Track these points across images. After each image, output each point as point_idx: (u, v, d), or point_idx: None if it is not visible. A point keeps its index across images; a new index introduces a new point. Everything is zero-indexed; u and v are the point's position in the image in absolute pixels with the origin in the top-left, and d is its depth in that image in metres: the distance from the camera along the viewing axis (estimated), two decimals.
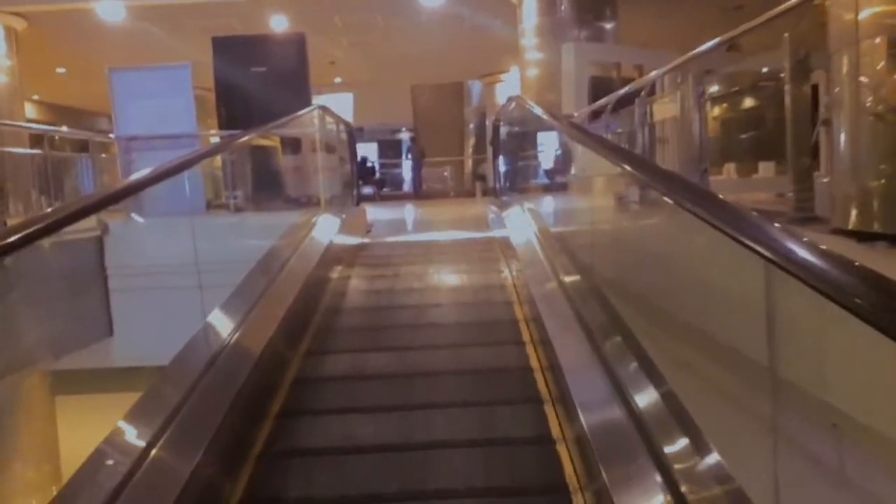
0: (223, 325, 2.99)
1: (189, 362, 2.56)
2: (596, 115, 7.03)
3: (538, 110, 3.86)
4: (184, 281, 7.88)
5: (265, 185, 9.00)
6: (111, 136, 8.07)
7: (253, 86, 8.52)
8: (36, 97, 18.50)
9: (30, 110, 19.21)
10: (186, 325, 2.84)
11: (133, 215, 7.83)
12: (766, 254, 1.34)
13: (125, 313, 7.84)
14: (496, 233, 5.10)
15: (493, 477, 2.34)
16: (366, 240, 5.76)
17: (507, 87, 17.76)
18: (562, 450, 2.38)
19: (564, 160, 5.85)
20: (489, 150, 6.38)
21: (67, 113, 18.17)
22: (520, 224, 4.26)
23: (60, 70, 14.94)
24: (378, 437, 2.63)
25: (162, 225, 8.05)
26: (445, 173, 20.20)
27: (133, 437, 2.03)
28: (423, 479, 2.35)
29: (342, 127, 6.40)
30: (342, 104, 16.60)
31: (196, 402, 2.27)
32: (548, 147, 7.04)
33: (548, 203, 5.71)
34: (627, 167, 2.45)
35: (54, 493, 1.87)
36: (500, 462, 2.42)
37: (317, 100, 17.77)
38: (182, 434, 2.10)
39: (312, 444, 2.62)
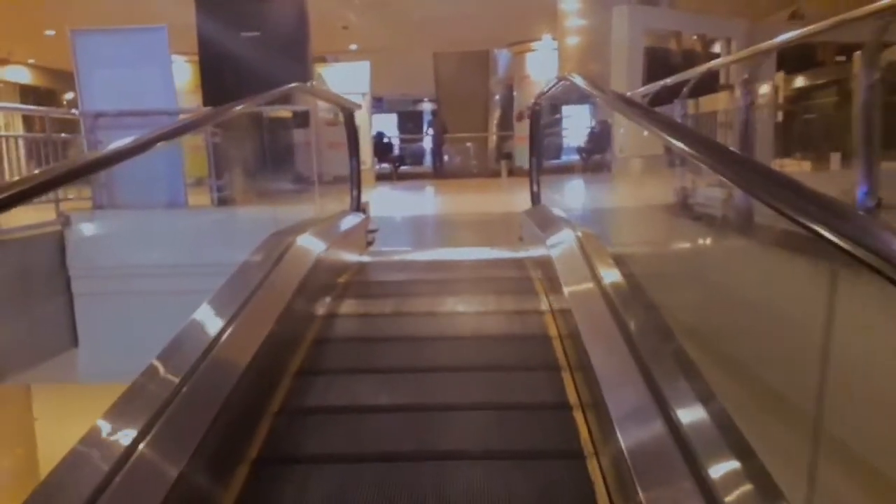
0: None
1: None
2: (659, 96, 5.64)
3: (624, 106, 2.49)
4: (158, 285, 6.64)
5: (255, 174, 7.77)
6: (74, 111, 6.81)
7: (244, 53, 7.21)
8: (31, 61, 17.37)
9: (25, 74, 18.10)
10: (162, 336, 2.28)
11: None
12: None
13: (91, 322, 6.76)
14: (535, 272, 3.77)
15: None
16: (364, 257, 4.46)
17: (539, 56, 16.26)
18: None
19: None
20: (528, 143, 4.99)
21: (64, 77, 16.99)
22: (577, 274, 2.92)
23: (49, 32, 13.71)
24: None
25: (132, 218, 6.89)
26: (469, 151, 18.80)
27: None
28: None
29: (340, 111, 5.08)
30: (358, 73, 15.24)
31: None
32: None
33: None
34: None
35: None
36: None
37: (329, 69, 16.51)
38: None
39: None
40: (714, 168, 1.60)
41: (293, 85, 3.97)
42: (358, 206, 4.95)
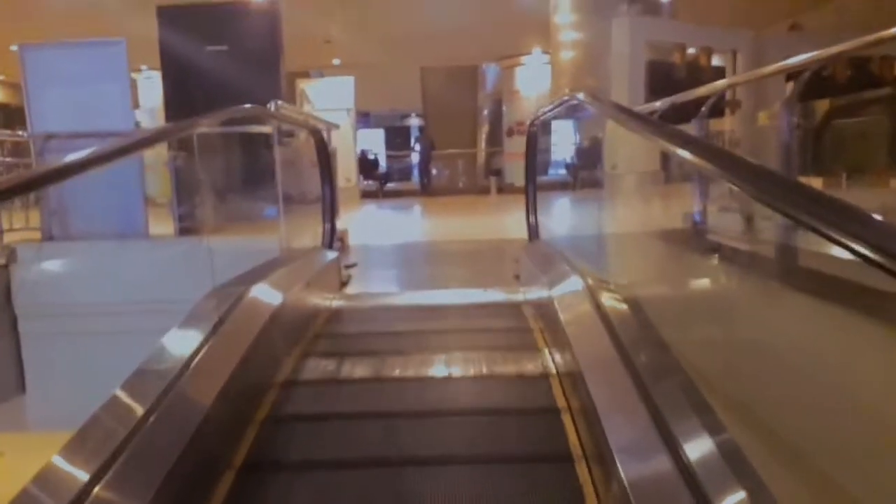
0: None
1: None
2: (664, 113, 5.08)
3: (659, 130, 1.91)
4: (113, 324, 5.99)
5: (226, 198, 7.15)
6: (22, 133, 6.19)
7: (211, 67, 6.61)
8: (1, 77, 16.71)
9: None
10: (118, 379, 2.06)
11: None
12: None
13: (40, 365, 6.14)
14: (537, 325, 3.18)
15: None
16: (336, 302, 3.84)
17: (529, 71, 15.78)
18: None
19: None
20: (524, 166, 4.41)
21: None
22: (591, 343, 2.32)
23: (14, 48, 13.05)
24: None
25: (85, 251, 6.25)
26: (457, 167, 18.25)
27: None
28: None
29: (313, 134, 4.47)
30: (342, 88, 14.68)
31: None
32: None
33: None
34: None
35: None
36: None
37: (312, 84, 15.93)
38: None
39: None
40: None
41: (246, 106, 3.36)
42: (331, 242, 4.34)
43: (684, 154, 1.73)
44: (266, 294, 2.97)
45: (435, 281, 4.70)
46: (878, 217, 0.92)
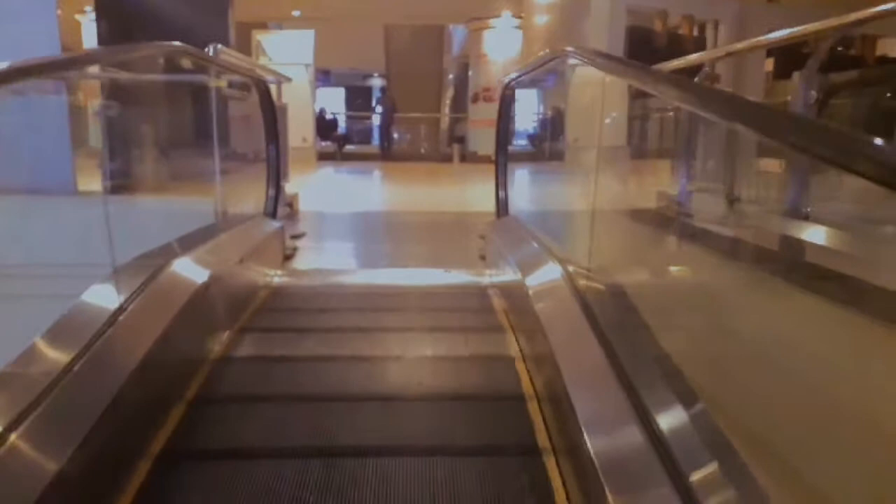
0: None
1: None
2: None
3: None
4: (25, 287, 5.41)
5: (170, 154, 6.54)
6: None
7: (151, 10, 5.94)
8: None
9: None
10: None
11: None
12: None
13: None
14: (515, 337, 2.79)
15: None
16: (277, 279, 3.37)
17: (497, 35, 15.19)
18: None
19: None
20: (496, 137, 3.95)
21: None
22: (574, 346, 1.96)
23: None
24: None
25: None
26: (419, 132, 17.68)
27: None
28: None
29: (259, 85, 3.92)
30: (301, 43, 13.91)
31: None
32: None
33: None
34: None
35: None
36: None
37: (269, 36, 15.08)
38: None
39: None
40: None
41: (174, 44, 2.82)
42: (275, 209, 3.84)
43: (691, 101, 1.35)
44: (187, 270, 2.49)
45: (392, 258, 4.24)
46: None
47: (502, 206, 3.88)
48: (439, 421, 2.06)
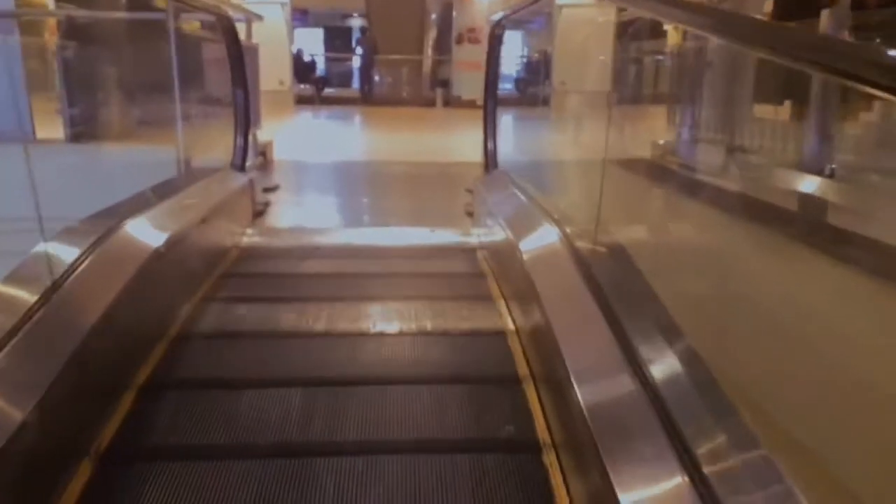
0: None
1: None
2: None
3: None
4: None
5: (136, 99, 6.10)
6: None
7: None
8: None
9: None
10: None
11: None
12: None
13: None
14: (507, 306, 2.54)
15: None
16: (246, 239, 3.08)
17: None
18: None
19: None
20: (485, 81, 3.62)
21: None
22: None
23: None
24: None
25: None
26: (401, 75, 17.09)
27: None
28: None
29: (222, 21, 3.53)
30: None
31: None
32: None
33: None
34: None
35: None
36: None
37: None
38: None
39: None
40: None
41: None
42: (243, 161, 3.51)
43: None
44: (139, 234, 2.20)
45: (373, 214, 3.93)
46: None
47: (491, 159, 3.58)
48: (427, 406, 1.82)
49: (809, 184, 2.94)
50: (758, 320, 2.06)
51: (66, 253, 1.91)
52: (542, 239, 2.40)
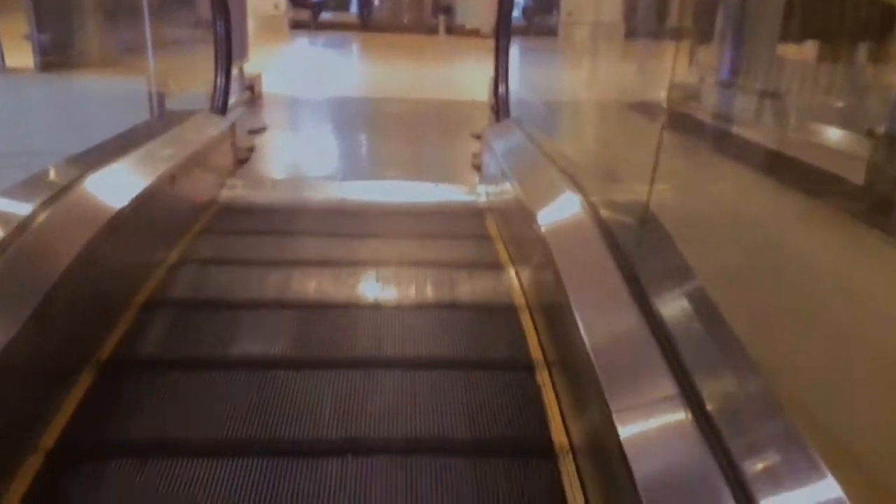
0: None
1: None
2: None
3: None
4: None
5: (119, 25, 5.60)
6: None
7: None
8: None
9: None
10: None
11: None
12: None
13: None
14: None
15: None
16: (224, 192, 2.75)
17: None
18: None
19: None
20: (498, 13, 3.21)
21: None
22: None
23: None
24: None
25: None
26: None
27: None
28: None
29: None
30: None
31: None
32: None
33: None
34: None
35: None
36: None
37: None
38: None
39: None
40: None
41: None
42: (224, 103, 3.12)
43: None
44: (96, 194, 1.88)
45: (368, 163, 3.55)
46: None
47: (503, 107, 3.19)
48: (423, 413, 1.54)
49: (859, 144, 2.59)
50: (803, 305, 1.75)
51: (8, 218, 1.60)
52: (563, 210, 2.08)
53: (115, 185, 2.00)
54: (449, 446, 1.44)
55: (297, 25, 14.93)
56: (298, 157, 3.62)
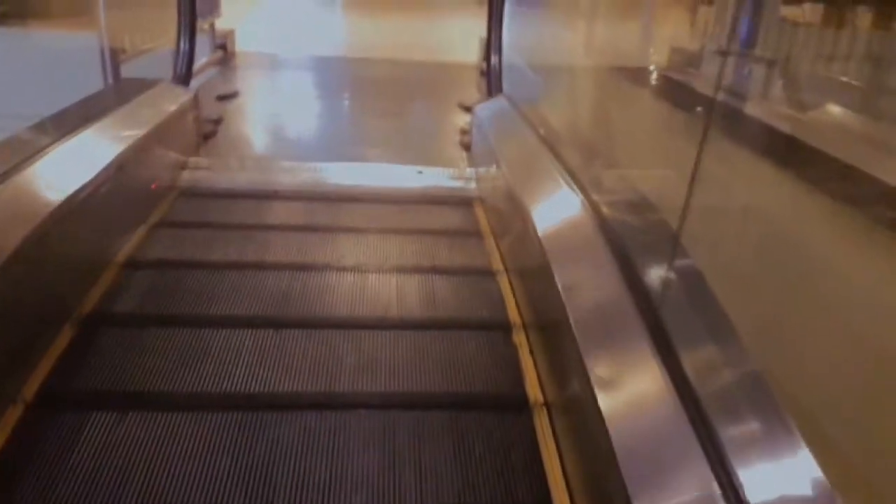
0: None
1: None
2: None
3: None
4: None
5: None
6: None
7: None
8: None
9: None
10: None
11: None
12: None
13: None
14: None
15: None
16: (185, 175, 2.48)
17: None
18: None
19: None
20: None
21: None
22: None
23: None
24: None
25: None
26: None
27: None
28: None
29: None
30: None
31: None
32: None
33: None
34: None
35: None
36: None
37: None
38: None
39: None
40: None
41: None
42: (188, 73, 2.81)
43: None
44: (23, 194, 1.61)
45: (350, 139, 3.22)
46: None
47: (495, 81, 2.90)
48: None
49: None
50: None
51: None
52: (561, 210, 1.84)
53: (51, 179, 1.73)
54: None
55: None
56: (271, 129, 3.30)
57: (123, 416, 1.37)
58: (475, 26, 6.55)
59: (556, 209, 1.88)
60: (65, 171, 1.81)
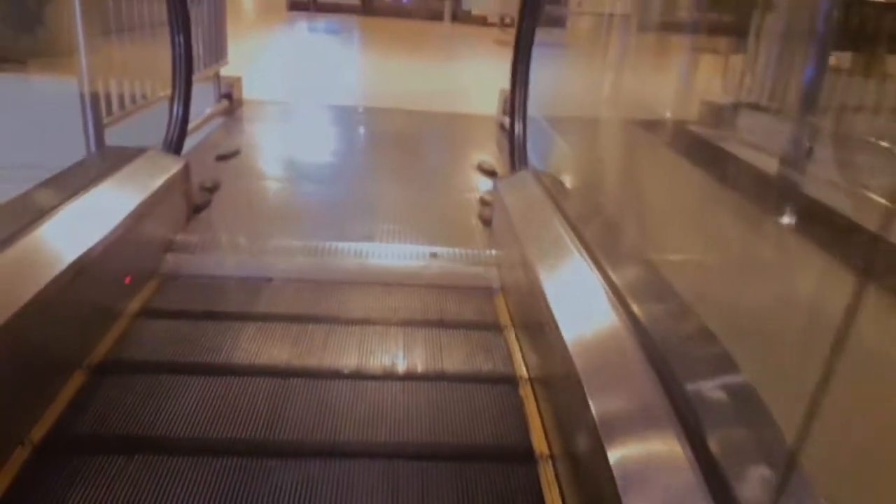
0: None
1: None
2: None
3: None
4: None
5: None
6: None
7: None
8: None
9: None
10: None
11: None
12: None
13: None
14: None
15: None
16: (169, 258, 2.20)
17: None
18: None
19: None
20: (518, 26, 2.62)
21: None
22: None
23: None
24: None
25: None
26: None
27: None
28: None
29: None
30: None
31: None
32: None
33: None
34: None
35: None
36: None
37: None
38: None
39: None
40: None
41: None
42: (180, 139, 2.54)
43: None
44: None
45: (358, 212, 2.90)
46: None
47: (519, 152, 2.61)
48: None
49: None
50: None
51: None
52: (601, 329, 1.54)
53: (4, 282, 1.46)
54: None
55: (295, 6, 14.39)
56: (272, 199, 2.99)
57: None
58: (493, 68, 6.31)
59: (586, 323, 1.59)
60: (22, 273, 1.53)
